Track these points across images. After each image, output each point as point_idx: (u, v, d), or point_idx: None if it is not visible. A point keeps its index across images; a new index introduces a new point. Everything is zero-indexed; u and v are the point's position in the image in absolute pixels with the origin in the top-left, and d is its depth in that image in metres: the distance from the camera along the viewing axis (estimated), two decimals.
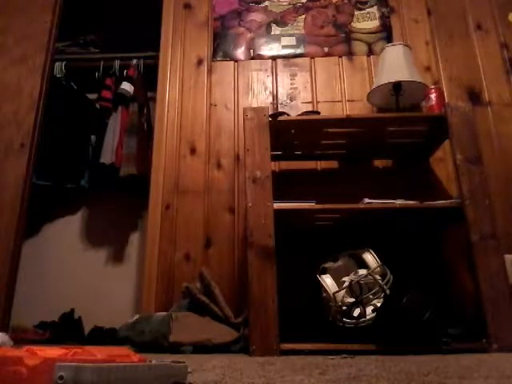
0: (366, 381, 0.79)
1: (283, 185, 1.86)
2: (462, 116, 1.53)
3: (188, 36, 2.28)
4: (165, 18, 2.30)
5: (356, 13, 2.26)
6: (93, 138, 2.54)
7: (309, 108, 2.06)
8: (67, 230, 2.59)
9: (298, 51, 2.21)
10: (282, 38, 2.24)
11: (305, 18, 2.27)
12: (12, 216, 1.89)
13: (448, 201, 1.53)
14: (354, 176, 1.93)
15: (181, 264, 1.89)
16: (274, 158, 1.85)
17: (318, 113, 1.90)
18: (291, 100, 2.12)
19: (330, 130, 1.68)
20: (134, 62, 2.58)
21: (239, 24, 2.29)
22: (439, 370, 0.83)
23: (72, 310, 2.11)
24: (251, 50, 2.23)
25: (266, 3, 2.31)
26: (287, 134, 1.69)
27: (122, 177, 2.31)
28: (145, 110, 2.53)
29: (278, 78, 2.18)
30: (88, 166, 2.49)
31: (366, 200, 1.53)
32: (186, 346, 1.43)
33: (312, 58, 2.19)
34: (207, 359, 1.16)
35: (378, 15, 2.24)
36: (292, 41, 2.23)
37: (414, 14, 2.23)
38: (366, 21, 2.23)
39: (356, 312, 1.37)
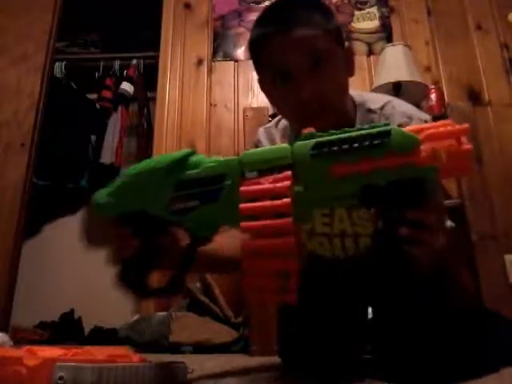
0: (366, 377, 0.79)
1: None
2: (462, 116, 1.53)
3: (188, 36, 2.28)
4: (165, 18, 2.30)
5: (356, 13, 2.26)
6: (93, 137, 2.53)
7: None
8: (67, 230, 2.58)
9: None
10: None
11: None
12: (12, 216, 1.89)
13: (448, 201, 1.53)
14: None
15: None
16: None
17: None
18: None
19: None
20: (134, 62, 2.57)
21: (239, 24, 2.28)
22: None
23: (72, 310, 2.11)
24: None
25: (266, 3, 2.31)
26: None
27: None
28: (145, 110, 2.53)
29: None
30: (88, 166, 2.48)
31: None
32: (185, 346, 1.44)
33: None
34: (207, 359, 1.16)
35: (377, 15, 2.24)
36: None
37: (413, 13, 2.23)
38: (366, 21, 2.23)
39: None
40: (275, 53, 0.71)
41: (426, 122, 0.75)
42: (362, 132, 0.47)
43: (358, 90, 0.98)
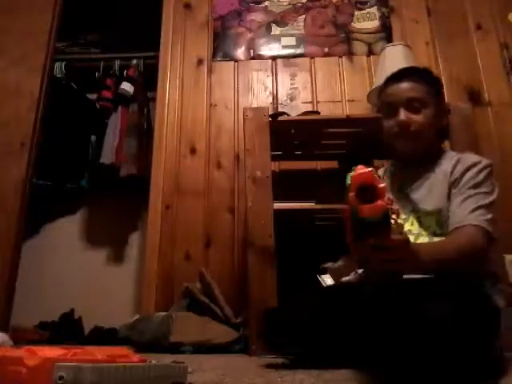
0: (365, 381, 0.79)
1: (283, 185, 1.86)
2: (462, 116, 1.52)
3: (188, 36, 2.28)
4: (165, 18, 2.30)
5: (356, 13, 2.26)
6: (93, 138, 2.53)
7: (309, 108, 2.05)
8: (67, 229, 2.59)
9: (298, 51, 2.21)
10: (282, 38, 2.24)
11: (305, 18, 2.27)
12: (12, 216, 1.89)
13: None
14: None
15: (181, 264, 1.89)
16: (274, 158, 1.84)
17: (318, 113, 1.90)
18: (291, 100, 2.12)
19: (330, 130, 1.68)
20: (134, 62, 2.57)
21: (239, 24, 2.28)
22: None
23: (72, 310, 2.11)
24: (251, 50, 2.23)
25: (266, 3, 2.31)
26: (287, 134, 1.69)
27: (122, 177, 2.31)
28: (145, 110, 2.53)
29: (278, 77, 2.18)
30: (88, 166, 2.48)
31: None
32: (185, 346, 1.43)
33: (312, 58, 2.19)
34: (207, 359, 1.16)
35: (378, 15, 2.24)
36: (292, 41, 2.23)
37: (413, 13, 2.23)
38: (366, 21, 2.23)
39: None
40: (388, 94, 1.12)
41: (490, 165, 1.07)
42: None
43: (357, 89, 1.22)
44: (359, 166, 0.68)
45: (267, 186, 1.47)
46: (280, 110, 2.02)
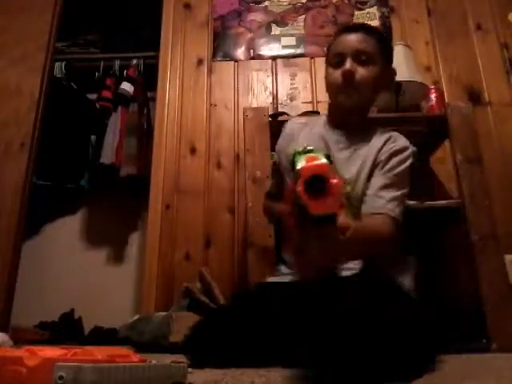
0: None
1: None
2: (461, 116, 1.52)
3: (188, 36, 2.28)
4: (165, 18, 2.30)
5: (356, 13, 2.26)
6: (93, 138, 2.53)
7: (309, 108, 2.05)
8: (67, 229, 2.59)
9: (298, 51, 2.21)
10: (282, 38, 2.24)
11: (305, 18, 2.27)
12: (12, 216, 1.89)
13: (448, 201, 1.53)
14: None
15: (181, 264, 1.89)
16: None
17: (318, 113, 1.90)
18: (291, 100, 2.12)
19: None
20: (134, 62, 2.57)
21: (239, 24, 2.28)
22: (440, 370, 0.83)
23: (72, 310, 2.11)
24: (251, 50, 2.23)
25: (266, 3, 2.31)
26: None
27: (122, 177, 2.31)
28: (145, 110, 2.53)
29: (278, 77, 2.18)
30: (88, 166, 2.48)
31: None
32: None
33: (312, 58, 2.19)
34: None
35: (378, 15, 2.24)
36: (292, 41, 2.23)
37: (414, 13, 2.23)
38: (366, 21, 2.23)
39: None
40: (337, 44, 1.10)
41: (414, 154, 1.10)
42: None
43: None
44: (312, 156, 0.61)
45: (267, 186, 1.47)
46: (280, 110, 2.02)
